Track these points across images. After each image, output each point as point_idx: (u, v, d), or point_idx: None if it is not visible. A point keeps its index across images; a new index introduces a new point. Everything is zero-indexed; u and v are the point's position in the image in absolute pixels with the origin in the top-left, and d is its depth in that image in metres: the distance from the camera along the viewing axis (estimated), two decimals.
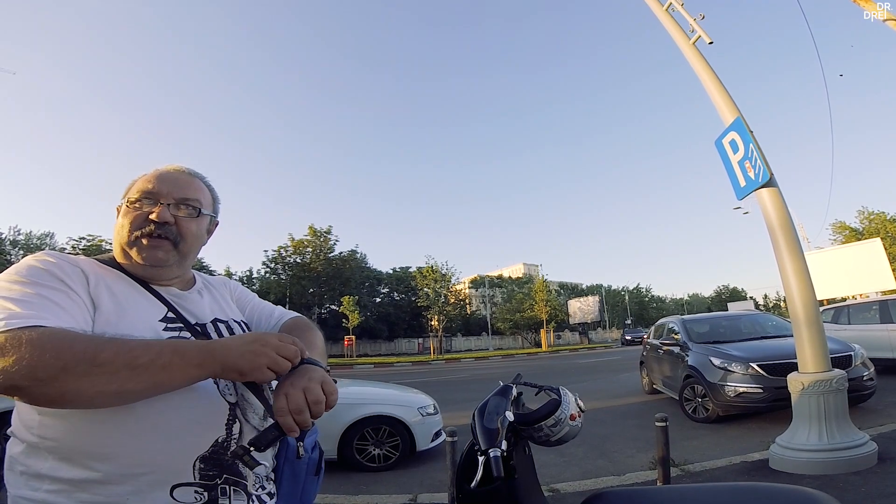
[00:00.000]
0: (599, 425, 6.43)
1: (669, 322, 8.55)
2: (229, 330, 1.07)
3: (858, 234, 34.49)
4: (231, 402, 0.95)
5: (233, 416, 0.94)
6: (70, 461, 0.80)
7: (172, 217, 0.99)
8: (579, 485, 3.89)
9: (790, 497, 1.12)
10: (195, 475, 0.87)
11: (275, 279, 37.90)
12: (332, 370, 0.99)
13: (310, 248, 35.75)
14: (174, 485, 0.85)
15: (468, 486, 1.24)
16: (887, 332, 8.38)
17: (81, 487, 0.80)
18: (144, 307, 0.94)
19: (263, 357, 0.83)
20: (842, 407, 3.70)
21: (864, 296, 12.99)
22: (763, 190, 4.15)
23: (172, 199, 1.00)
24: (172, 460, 0.85)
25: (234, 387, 0.97)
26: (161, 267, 1.01)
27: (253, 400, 1.00)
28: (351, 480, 4.54)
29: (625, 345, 38.02)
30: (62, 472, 0.81)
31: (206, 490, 0.88)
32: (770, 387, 5.41)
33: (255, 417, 0.99)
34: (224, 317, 1.09)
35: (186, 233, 1.02)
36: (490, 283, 57.87)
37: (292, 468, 1.06)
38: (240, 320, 1.15)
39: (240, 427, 0.95)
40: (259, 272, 42.54)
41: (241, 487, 0.93)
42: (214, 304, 1.11)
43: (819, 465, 3.54)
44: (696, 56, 4.82)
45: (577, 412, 1.47)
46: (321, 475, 1.14)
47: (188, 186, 1.04)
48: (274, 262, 36.96)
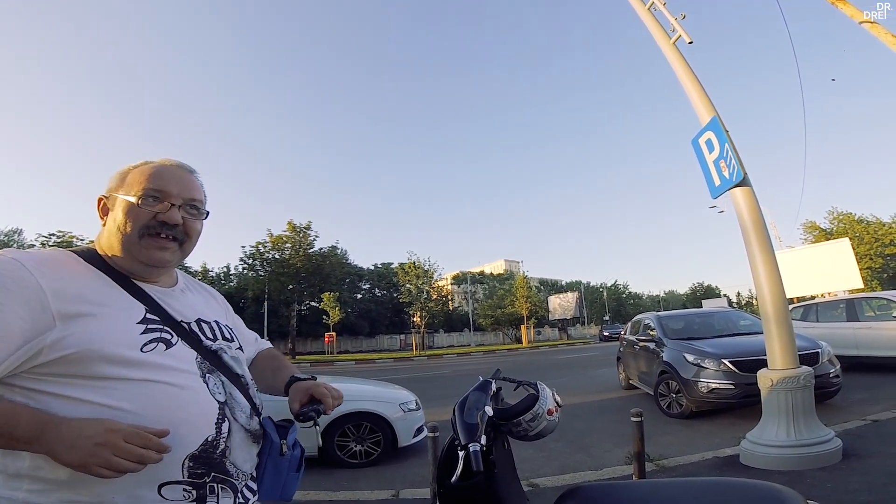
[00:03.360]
0: (578, 420, 6.55)
1: (646, 318, 8.68)
2: (212, 331, 1.07)
3: (828, 234, 35.66)
4: (220, 401, 0.96)
5: (222, 415, 0.95)
6: (49, 460, 0.79)
7: (181, 219, 1.00)
8: (558, 479, 3.96)
9: (759, 492, 1.17)
10: (184, 473, 0.87)
11: (253, 275, 37.21)
12: (312, 367, 1.02)
13: (289, 244, 35.14)
14: (162, 483, 0.85)
15: (449, 480, 1.25)
16: (853, 330, 8.62)
17: (64, 486, 0.80)
18: (122, 310, 0.92)
19: (95, 458, 0.76)
20: (809, 403, 3.80)
21: (832, 294, 13.35)
22: (737, 189, 4.23)
23: (181, 199, 1.00)
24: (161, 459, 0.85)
25: (222, 386, 0.98)
26: (163, 267, 1.01)
27: (240, 399, 1.02)
28: (333, 477, 4.53)
29: (602, 341, 38.60)
30: (42, 472, 0.80)
31: (194, 488, 0.89)
32: (741, 383, 5.53)
33: (242, 416, 1.00)
34: (207, 318, 1.09)
35: (192, 233, 1.04)
36: (472, 280, 58.06)
37: (275, 465, 1.08)
38: (225, 324, 1.14)
39: (229, 426, 0.96)
40: (237, 268, 41.90)
41: (228, 485, 0.94)
42: (198, 304, 1.10)
43: (787, 461, 3.63)
44: (676, 55, 4.89)
45: (554, 407, 1.50)
46: (301, 471, 1.17)
47: (193, 186, 1.04)
48: (252, 258, 36.20)
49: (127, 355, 0.86)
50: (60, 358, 0.81)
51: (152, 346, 0.90)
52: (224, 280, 43.64)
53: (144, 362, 0.87)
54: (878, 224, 36.60)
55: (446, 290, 47.00)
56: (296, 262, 34.79)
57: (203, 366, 0.97)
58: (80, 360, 0.82)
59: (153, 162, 1.04)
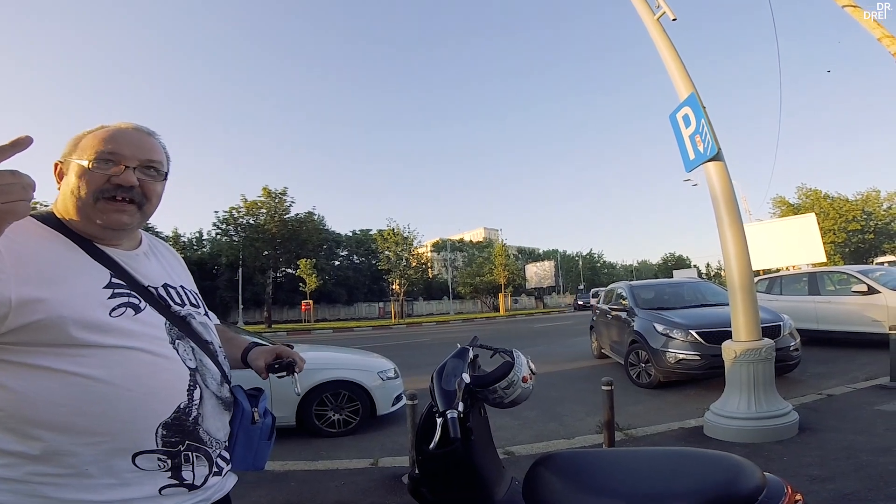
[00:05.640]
0: (552, 388, 6.74)
1: (618, 288, 8.71)
2: (179, 296, 1.05)
3: (796, 209, 36.72)
4: (191, 367, 0.96)
5: (193, 381, 0.95)
6: (16, 432, 0.78)
7: (137, 180, 0.96)
8: (532, 447, 4.10)
9: (718, 463, 1.24)
10: (157, 442, 0.87)
11: (227, 241, 36.33)
12: (289, 335, 1.03)
13: (264, 210, 34.31)
14: (136, 452, 0.85)
15: (427, 447, 1.28)
16: (814, 304, 8.77)
17: (34, 460, 0.79)
18: (86, 273, 0.89)
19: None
20: (769, 376, 3.92)
21: (796, 268, 13.76)
22: (710, 163, 4.28)
23: (136, 161, 0.97)
24: (133, 427, 0.85)
25: (192, 353, 0.98)
26: (122, 230, 0.98)
27: (210, 366, 1.02)
28: (311, 446, 4.60)
29: (577, 310, 39.52)
30: (9, 445, 0.78)
31: (168, 457, 0.89)
32: (707, 354, 5.63)
33: (213, 383, 1.01)
34: (173, 283, 1.07)
35: (152, 195, 1.00)
36: (451, 247, 58.19)
37: (246, 433, 1.09)
38: (191, 289, 1.12)
39: (200, 393, 0.96)
40: (210, 233, 40.84)
41: (202, 453, 0.95)
42: (161, 269, 1.07)
43: (747, 434, 3.76)
44: (659, 32, 4.84)
45: (528, 375, 1.54)
46: (273, 440, 1.18)
47: (151, 148, 1.01)
48: (225, 224, 35.25)
49: (97, 319, 0.84)
50: (27, 325, 0.78)
51: (121, 310, 0.88)
52: (197, 245, 42.59)
53: (114, 328, 0.85)
54: (842, 200, 37.87)
55: (426, 258, 47.04)
56: (271, 228, 34.08)
57: (172, 332, 0.96)
58: (49, 327, 0.80)
59: (109, 126, 1.00)
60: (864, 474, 3.00)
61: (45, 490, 0.79)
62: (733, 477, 1.15)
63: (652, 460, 1.37)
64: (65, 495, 0.80)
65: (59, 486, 0.80)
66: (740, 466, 1.19)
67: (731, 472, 1.18)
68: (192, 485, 0.92)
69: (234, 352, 1.21)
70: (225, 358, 1.11)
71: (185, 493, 0.91)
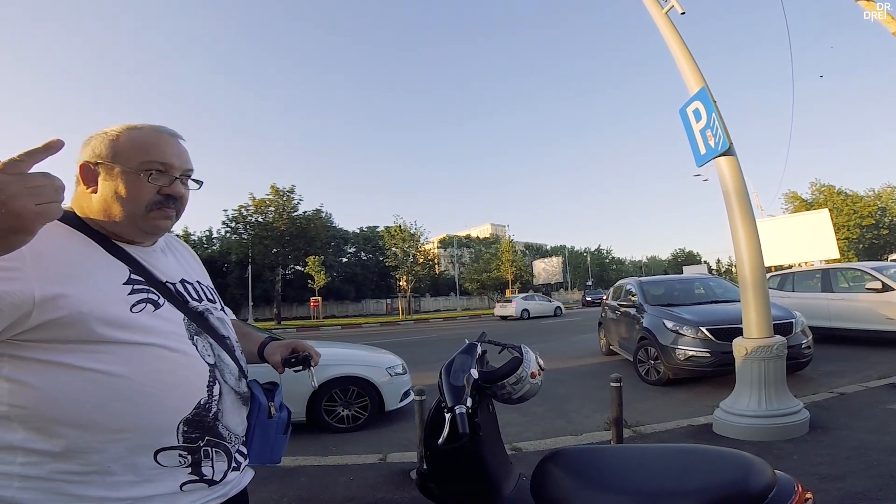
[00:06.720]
0: (559, 385, 6.72)
1: (627, 284, 8.64)
2: (196, 292, 1.05)
3: (809, 204, 36.22)
4: (210, 363, 0.97)
5: (213, 377, 0.96)
6: (42, 431, 0.78)
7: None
8: (540, 444, 4.09)
9: (728, 460, 1.22)
10: (179, 438, 0.88)
11: (236, 239, 36.64)
12: (298, 332, 1.03)
13: (272, 208, 34.55)
14: (158, 449, 0.86)
15: (435, 442, 1.28)
16: (826, 301, 8.60)
17: (58, 457, 0.79)
18: (106, 270, 0.89)
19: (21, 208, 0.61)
20: (780, 374, 3.86)
21: (809, 264, 13.46)
22: (721, 158, 4.23)
23: (181, 171, 0.99)
24: (155, 424, 0.85)
25: (210, 348, 0.99)
26: (158, 234, 1.01)
27: (228, 361, 1.03)
28: (320, 441, 4.62)
29: (585, 306, 39.37)
30: (33, 443, 0.78)
31: (189, 453, 0.89)
32: (717, 351, 5.57)
33: (231, 378, 1.01)
34: (190, 278, 1.08)
35: (185, 202, 1.03)
36: (458, 243, 58.15)
37: (263, 427, 1.10)
38: (207, 285, 1.13)
39: (219, 388, 0.97)
40: (219, 232, 41.18)
41: (221, 449, 0.96)
42: (178, 265, 1.09)
43: (757, 432, 3.72)
44: (668, 25, 4.79)
45: (537, 370, 1.53)
46: (288, 434, 1.19)
47: (188, 156, 1.03)
48: (234, 222, 35.53)
49: (118, 315, 0.84)
50: (50, 322, 0.78)
51: (141, 306, 0.88)
52: (206, 244, 42.97)
53: (135, 324, 0.86)
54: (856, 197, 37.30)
55: (433, 254, 47.08)
56: (279, 226, 34.32)
57: (191, 328, 0.97)
58: (71, 323, 0.79)
59: (139, 127, 0.98)
60: (874, 473, 2.95)
61: (68, 488, 0.79)
62: (743, 474, 1.14)
63: (661, 457, 1.36)
64: (88, 492, 0.80)
65: (82, 484, 0.80)
66: (750, 464, 1.18)
67: (741, 470, 1.16)
68: (212, 480, 0.93)
69: (250, 347, 1.23)
70: (241, 353, 1.12)
71: (205, 489, 0.92)
